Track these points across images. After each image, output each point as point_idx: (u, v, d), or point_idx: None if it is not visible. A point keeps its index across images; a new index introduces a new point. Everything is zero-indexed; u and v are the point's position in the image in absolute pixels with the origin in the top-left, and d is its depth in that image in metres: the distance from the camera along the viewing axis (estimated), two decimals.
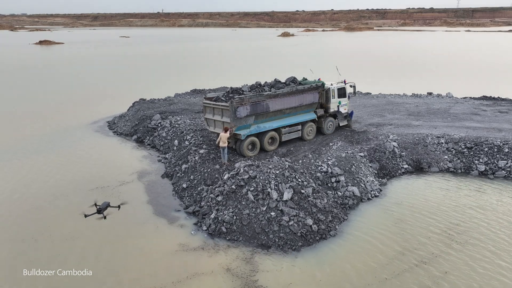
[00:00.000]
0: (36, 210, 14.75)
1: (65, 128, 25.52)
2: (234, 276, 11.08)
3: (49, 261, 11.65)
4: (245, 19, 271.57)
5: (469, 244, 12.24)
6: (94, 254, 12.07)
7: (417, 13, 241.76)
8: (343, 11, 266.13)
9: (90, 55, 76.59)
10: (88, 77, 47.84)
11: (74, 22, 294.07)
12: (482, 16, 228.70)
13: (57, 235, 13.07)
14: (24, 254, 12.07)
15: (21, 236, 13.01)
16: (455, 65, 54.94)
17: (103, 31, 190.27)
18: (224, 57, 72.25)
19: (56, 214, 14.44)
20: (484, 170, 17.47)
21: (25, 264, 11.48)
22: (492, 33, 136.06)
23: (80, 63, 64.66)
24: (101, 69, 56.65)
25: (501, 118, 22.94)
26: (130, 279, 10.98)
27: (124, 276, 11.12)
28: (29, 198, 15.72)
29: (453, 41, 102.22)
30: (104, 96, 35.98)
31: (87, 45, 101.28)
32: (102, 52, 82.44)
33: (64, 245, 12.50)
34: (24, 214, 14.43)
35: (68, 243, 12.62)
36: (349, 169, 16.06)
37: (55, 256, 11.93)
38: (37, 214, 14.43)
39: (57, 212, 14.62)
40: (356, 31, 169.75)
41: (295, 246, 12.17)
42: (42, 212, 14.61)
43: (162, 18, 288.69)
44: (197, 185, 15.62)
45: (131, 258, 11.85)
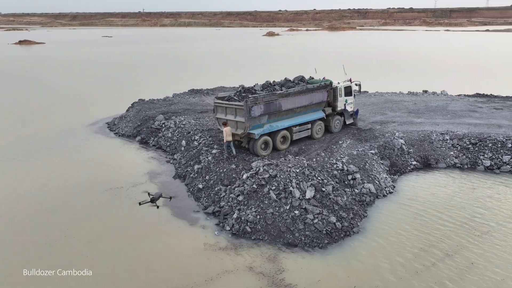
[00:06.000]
0: (52, 213, 14.39)
1: (63, 130, 24.90)
2: (260, 274, 11.08)
3: (75, 263, 11.37)
4: (228, 18, 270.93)
5: (489, 235, 12.62)
6: (122, 255, 11.88)
7: (397, 13, 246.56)
8: (325, 11, 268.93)
9: (77, 56, 74.84)
10: (79, 78, 46.80)
11: (52, 21, 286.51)
12: (459, 16, 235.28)
13: (80, 237, 12.79)
14: (51, 257, 11.74)
15: (43, 239, 12.65)
16: (443, 63, 56.32)
17: (84, 31, 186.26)
18: (216, 57, 71.86)
19: (75, 217, 14.12)
20: (489, 165, 18.02)
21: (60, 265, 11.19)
22: (470, 32, 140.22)
23: (67, 63, 63.14)
24: (91, 69, 55.48)
25: (498, 115, 23.69)
26: (162, 279, 10.91)
27: (155, 276, 11.01)
28: (43, 201, 15.31)
29: (437, 40, 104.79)
30: (99, 97, 35.31)
31: (70, 45, 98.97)
32: (89, 52, 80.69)
33: (89, 247, 12.24)
34: (40, 218, 14.05)
35: (92, 245, 12.35)
36: (363, 166, 16.30)
37: (80, 258, 11.66)
38: (55, 218, 14.08)
39: (76, 214, 14.30)
40: (339, 31, 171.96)
41: (321, 244, 12.27)
42: (60, 215, 14.25)
43: (143, 18, 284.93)
44: (213, 185, 15.52)
45: (160, 259, 11.73)
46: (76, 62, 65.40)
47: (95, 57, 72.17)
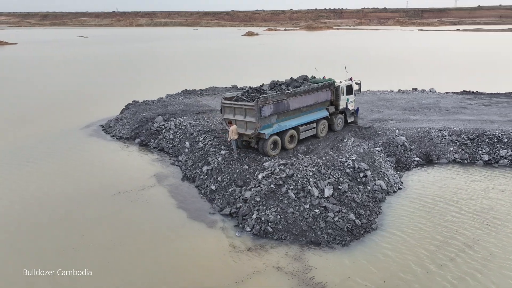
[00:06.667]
0: (64, 220, 13.90)
1: (57, 134, 24.09)
2: (288, 274, 11.11)
3: (97, 267, 11.05)
4: (205, 18, 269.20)
5: (503, 226, 13.14)
6: (147, 260, 11.62)
7: (372, 13, 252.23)
8: (302, 11, 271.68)
9: (56, 56, 72.45)
10: (64, 80, 45.34)
11: (20, 21, 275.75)
12: (430, 16, 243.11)
13: (99, 243, 12.43)
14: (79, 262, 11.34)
15: (61, 246, 12.21)
16: (426, 62, 58.00)
17: (57, 31, 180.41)
18: (202, 57, 71.20)
19: (89, 223, 13.70)
20: (488, 160, 18.74)
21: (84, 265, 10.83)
22: (443, 32, 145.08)
23: (47, 64, 61.01)
24: (75, 70, 53.81)
25: (488, 111, 24.66)
26: (192, 280, 10.81)
27: (184, 279, 10.86)
28: (53, 207, 14.79)
29: (415, 40, 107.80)
30: (88, 99, 34.34)
31: (46, 46, 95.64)
32: (68, 53, 78.30)
33: (107, 253, 11.89)
34: (55, 225, 13.55)
35: (113, 251, 12.02)
36: (372, 163, 16.60)
37: (103, 264, 11.33)
38: (69, 224, 13.62)
39: (89, 220, 13.88)
40: (317, 30, 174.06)
41: (344, 241, 12.42)
42: (74, 221, 13.79)
43: (118, 18, 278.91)
44: (227, 187, 15.41)
45: (186, 262, 11.57)
46: (57, 63, 63.34)
47: (77, 58, 70.07)
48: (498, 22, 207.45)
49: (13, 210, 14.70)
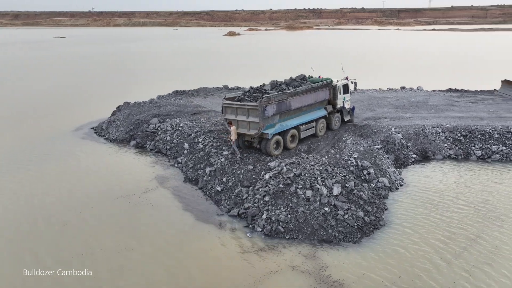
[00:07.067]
0: (68, 225, 13.46)
1: (48, 137, 23.35)
2: (305, 273, 11.17)
3: (109, 273, 10.80)
4: (184, 18, 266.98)
5: (501, 220, 13.59)
6: (160, 264, 11.41)
7: (350, 13, 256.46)
8: (281, 11, 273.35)
9: (36, 58, 70.12)
10: (47, 82, 43.97)
11: None
12: (406, 16, 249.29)
13: (108, 248, 12.12)
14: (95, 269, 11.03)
15: (72, 253, 11.83)
16: (409, 61, 59.38)
17: (31, 31, 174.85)
18: (188, 57, 70.48)
19: (95, 227, 13.34)
20: (481, 155, 19.38)
21: None
22: (420, 31, 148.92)
23: (27, 66, 58.98)
24: (57, 72, 52.26)
25: (475, 108, 25.49)
26: (209, 283, 10.69)
27: (202, 279, 10.76)
28: (55, 214, 14.27)
29: (394, 39, 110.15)
30: (76, 101, 33.44)
31: (22, 46, 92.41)
32: (48, 54, 75.88)
33: (119, 258, 11.62)
34: (60, 232, 13.09)
35: (125, 255, 11.75)
36: (374, 161, 16.87)
37: (117, 269, 11.07)
38: (74, 230, 13.19)
39: (95, 225, 13.50)
40: (297, 30, 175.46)
41: (355, 238, 12.57)
42: (79, 227, 13.37)
43: (95, 18, 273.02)
44: (233, 187, 15.33)
45: (200, 264, 11.44)
46: (37, 64, 61.31)
47: (58, 60, 68.04)
48: (471, 22, 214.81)
49: (15, 216, 14.16)
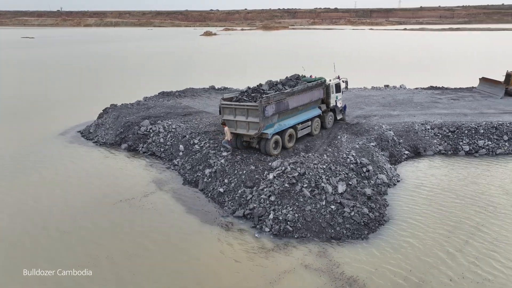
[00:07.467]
0: (71, 232, 12.99)
1: (32, 142, 22.42)
2: (318, 271, 11.26)
3: (123, 281, 10.51)
4: (158, 18, 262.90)
5: (497, 210, 14.20)
6: (171, 269, 11.21)
7: (324, 13, 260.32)
8: (256, 11, 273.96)
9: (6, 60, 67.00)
10: (25, 84, 42.16)
11: None
12: (378, 16, 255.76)
13: (116, 255, 11.77)
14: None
15: (76, 263, 11.41)
16: (388, 60, 60.86)
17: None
18: (169, 57, 69.35)
19: (98, 233, 12.93)
20: (469, 150, 20.15)
21: None
22: (392, 31, 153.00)
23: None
24: (34, 74, 50.17)
25: (458, 104, 26.47)
26: (225, 285, 10.57)
27: (217, 282, 10.64)
28: (54, 222, 13.72)
29: (370, 38, 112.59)
30: (56, 104, 32.24)
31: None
32: (18, 55, 72.66)
33: (128, 266, 11.32)
34: (57, 243, 12.60)
35: (134, 261, 11.45)
36: (372, 158, 17.21)
37: (126, 275, 10.78)
38: (75, 236, 12.74)
39: (98, 230, 13.09)
40: (273, 30, 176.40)
41: (362, 234, 12.79)
42: (79, 233, 12.91)
43: (64, 17, 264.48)
44: (236, 188, 15.24)
45: (213, 267, 11.31)
46: (6, 67, 58.65)
47: (30, 61, 65.35)
48: (439, 22, 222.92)
49: (13, 224, 13.51)
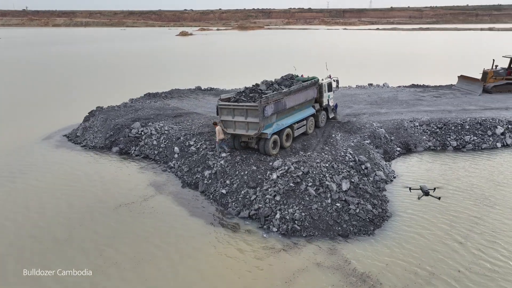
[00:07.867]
0: (72, 239, 12.50)
1: (16, 147, 21.42)
2: (330, 268, 11.37)
3: None
4: (131, 18, 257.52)
5: (492, 201, 14.81)
6: (182, 273, 11.01)
7: (298, 13, 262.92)
8: (231, 11, 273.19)
9: None
10: None
11: None
12: (351, 16, 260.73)
13: (124, 259, 11.45)
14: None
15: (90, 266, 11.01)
16: (367, 58, 62.13)
17: None
18: (151, 58, 67.93)
19: (102, 239, 12.51)
20: (456, 145, 20.90)
21: None
22: (366, 31, 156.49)
23: None
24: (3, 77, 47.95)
25: (441, 102, 27.39)
26: (243, 286, 10.50)
27: (232, 284, 10.54)
28: (54, 226, 13.20)
29: (345, 38, 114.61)
30: (36, 108, 30.93)
31: None
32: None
33: (135, 272, 11.03)
34: (61, 250, 12.11)
35: (145, 266, 11.16)
36: (368, 156, 17.53)
37: (139, 282, 10.51)
38: (77, 243, 12.27)
39: (101, 239, 12.65)
40: (249, 30, 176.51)
41: (369, 231, 13.02)
42: (81, 240, 12.45)
43: (30, 17, 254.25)
44: (238, 189, 15.14)
45: (226, 269, 11.21)
46: None
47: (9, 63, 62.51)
48: (408, 22, 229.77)
49: (10, 230, 12.87)
